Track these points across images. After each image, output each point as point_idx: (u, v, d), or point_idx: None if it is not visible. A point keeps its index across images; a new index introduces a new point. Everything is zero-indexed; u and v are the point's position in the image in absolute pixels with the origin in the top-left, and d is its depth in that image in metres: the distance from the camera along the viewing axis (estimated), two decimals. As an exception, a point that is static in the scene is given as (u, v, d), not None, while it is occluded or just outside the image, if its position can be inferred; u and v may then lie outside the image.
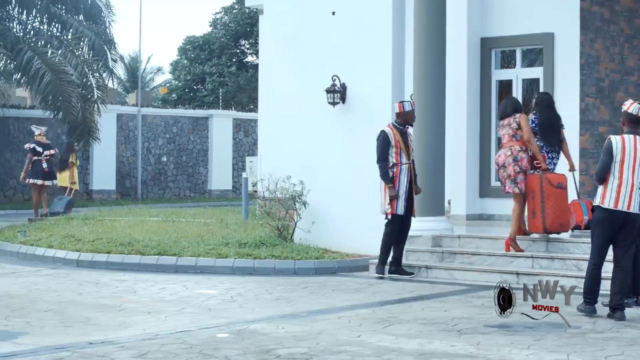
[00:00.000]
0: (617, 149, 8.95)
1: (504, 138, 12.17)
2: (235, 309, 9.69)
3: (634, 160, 8.94)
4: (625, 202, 8.95)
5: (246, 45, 44.69)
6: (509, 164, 11.97)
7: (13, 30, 26.64)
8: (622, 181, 8.94)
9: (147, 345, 7.67)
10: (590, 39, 15.63)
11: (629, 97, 15.93)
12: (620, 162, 8.94)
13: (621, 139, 9.01)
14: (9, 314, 9.19)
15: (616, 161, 8.95)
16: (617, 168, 8.95)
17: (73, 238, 14.85)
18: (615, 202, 8.95)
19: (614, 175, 8.97)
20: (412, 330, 8.38)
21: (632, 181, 8.95)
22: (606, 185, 9.01)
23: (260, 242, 13.72)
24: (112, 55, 28.35)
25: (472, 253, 12.41)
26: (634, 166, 8.95)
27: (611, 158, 8.97)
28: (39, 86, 24.89)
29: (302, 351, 7.43)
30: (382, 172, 12.10)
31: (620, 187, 8.94)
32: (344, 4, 14.08)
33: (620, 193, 8.94)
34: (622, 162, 8.94)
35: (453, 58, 15.25)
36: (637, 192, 8.97)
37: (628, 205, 8.95)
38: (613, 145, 8.98)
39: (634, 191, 8.95)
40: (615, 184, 8.96)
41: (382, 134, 12.17)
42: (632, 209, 8.96)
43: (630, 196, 8.94)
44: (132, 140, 31.47)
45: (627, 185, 8.94)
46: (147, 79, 49.98)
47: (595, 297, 9.20)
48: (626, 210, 8.95)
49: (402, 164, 12.10)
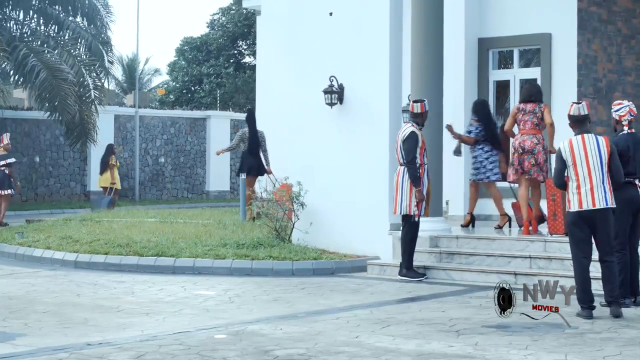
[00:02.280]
0: (567, 154, 9.19)
1: (527, 124, 12.53)
2: (233, 310, 9.69)
3: (586, 159, 9.14)
4: (588, 201, 9.07)
5: (244, 46, 44.69)
6: (539, 151, 12.44)
7: (10, 30, 26.64)
8: (579, 182, 9.11)
9: (145, 346, 7.67)
10: (588, 39, 15.64)
11: (626, 97, 15.97)
12: (572, 165, 9.15)
13: (569, 142, 9.24)
14: (7, 316, 9.19)
15: (569, 165, 9.18)
16: (572, 171, 9.17)
17: (71, 239, 14.84)
18: (579, 203, 9.09)
19: (572, 179, 9.17)
20: (410, 331, 8.38)
21: (590, 179, 9.08)
22: (567, 189, 9.23)
23: (258, 243, 13.71)
24: (109, 57, 28.36)
25: (470, 254, 12.42)
26: (588, 164, 9.13)
27: (563, 163, 9.21)
28: (35, 83, 24.88)
29: (300, 352, 7.43)
30: (414, 174, 11.86)
31: (579, 187, 9.10)
32: (342, 5, 14.08)
33: (581, 194, 9.09)
34: (574, 164, 9.14)
35: (450, 58, 15.27)
36: (599, 187, 9.08)
37: (592, 203, 9.06)
38: (562, 150, 9.25)
39: (594, 188, 9.06)
40: (574, 186, 9.14)
41: (414, 135, 11.90)
42: (598, 204, 9.06)
43: (592, 193, 9.06)
44: (130, 142, 31.45)
45: (585, 184, 9.09)
46: (145, 80, 49.97)
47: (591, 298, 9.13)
48: (592, 208, 9.06)
49: (424, 165, 12.06)
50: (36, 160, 28.92)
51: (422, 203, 11.92)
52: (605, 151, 9.16)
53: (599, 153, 9.14)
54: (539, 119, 12.55)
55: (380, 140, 13.45)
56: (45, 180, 29.20)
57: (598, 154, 9.14)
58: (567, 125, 9.65)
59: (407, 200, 11.94)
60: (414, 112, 12.09)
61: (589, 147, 9.16)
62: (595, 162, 9.12)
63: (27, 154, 28.83)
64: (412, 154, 11.89)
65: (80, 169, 30.11)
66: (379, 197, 13.29)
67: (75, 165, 30.00)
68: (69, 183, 29.78)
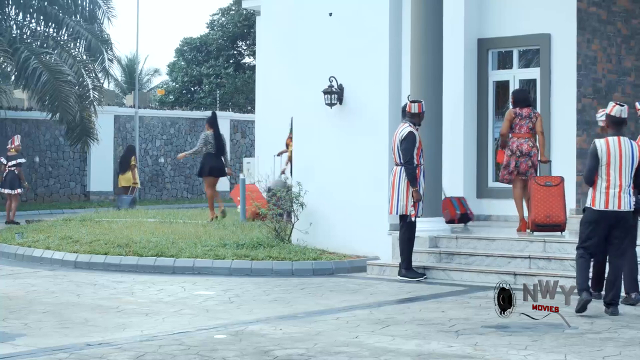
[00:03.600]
0: (602, 152, 9.25)
1: (523, 128, 13.06)
2: (233, 310, 9.69)
3: (619, 162, 9.23)
4: (615, 202, 9.22)
5: (243, 47, 44.69)
6: (534, 154, 13.05)
7: (10, 31, 26.63)
8: (609, 183, 9.22)
9: (145, 346, 7.68)
10: (587, 39, 15.65)
11: (626, 97, 15.99)
12: (606, 165, 9.22)
13: (605, 142, 9.30)
14: (6, 316, 9.19)
15: (602, 164, 9.24)
16: (604, 170, 9.23)
17: (71, 239, 14.85)
18: (606, 203, 9.22)
19: (602, 178, 9.25)
20: (410, 331, 8.39)
21: (620, 182, 9.21)
22: (595, 187, 9.30)
23: (258, 243, 13.72)
24: (109, 55, 28.33)
25: (469, 254, 12.43)
26: (620, 167, 9.23)
27: (597, 161, 9.27)
28: (36, 86, 24.90)
29: (300, 352, 7.43)
30: (412, 175, 11.88)
31: (609, 188, 9.22)
32: (341, 5, 14.08)
33: (609, 195, 9.22)
34: (608, 164, 9.22)
35: (450, 59, 15.27)
36: (626, 190, 9.24)
37: (619, 205, 9.22)
38: (598, 148, 9.28)
39: (622, 191, 9.21)
40: (604, 186, 9.24)
41: (412, 135, 11.91)
42: (623, 207, 9.23)
43: (620, 196, 9.21)
44: (130, 142, 31.43)
45: (615, 186, 9.21)
46: (144, 80, 49.96)
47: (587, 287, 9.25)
48: (617, 210, 9.21)
49: (421, 165, 12.07)
50: (36, 160, 28.92)
51: (419, 203, 11.94)
52: (637, 156, 9.30)
53: (632, 158, 9.28)
54: (533, 123, 13.09)
55: (379, 141, 13.46)
56: (45, 180, 29.20)
57: (631, 159, 9.27)
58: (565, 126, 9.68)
59: (403, 200, 11.96)
60: (411, 112, 12.10)
61: (624, 150, 9.27)
62: (627, 166, 9.26)
63: (27, 154, 28.77)
64: (409, 154, 11.90)
65: (80, 169, 30.11)
66: (379, 198, 13.30)
67: (75, 166, 30.00)
68: (69, 183, 29.78)
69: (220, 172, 17.86)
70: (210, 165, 17.68)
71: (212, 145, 17.64)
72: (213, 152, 17.63)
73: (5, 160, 20.97)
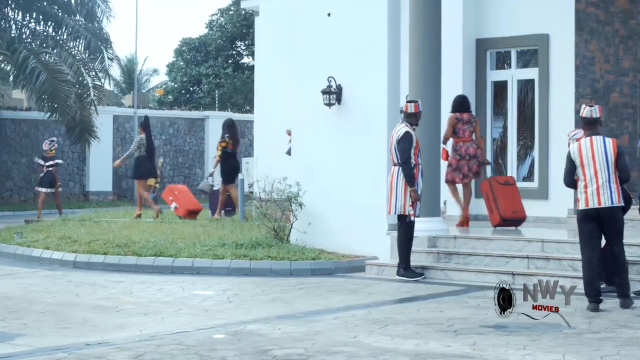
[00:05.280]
0: (575, 155, 9.66)
1: (466, 133, 14.17)
2: (231, 310, 9.71)
3: (593, 160, 9.56)
4: (594, 200, 9.51)
5: (242, 47, 44.70)
6: (480, 155, 14.26)
7: (9, 32, 26.63)
8: (586, 182, 9.57)
9: (144, 346, 7.69)
10: (585, 40, 15.66)
11: (624, 97, 16.03)
12: (580, 166, 9.62)
13: (577, 144, 9.72)
14: (5, 316, 9.20)
15: (577, 165, 9.63)
16: (580, 171, 9.64)
17: (70, 239, 14.85)
18: (585, 202, 9.57)
19: (580, 179, 9.65)
20: (408, 331, 8.40)
21: (596, 179, 9.50)
22: (576, 189, 9.77)
23: (257, 243, 13.73)
24: (109, 54, 28.33)
25: (468, 254, 12.44)
26: (595, 165, 9.55)
27: (572, 165, 9.69)
28: (35, 86, 24.90)
29: (299, 352, 7.45)
30: (409, 174, 11.88)
31: (586, 187, 9.56)
32: (340, 6, 14.09)
33: (588, 193, 9.54)
34: (582, 164, 9.60)
35: (448, 59, 15.26)
36: (605, 187, 9.50)
37: (598, 202, 9.50)
38: (571, 152, 9.75)
39: (600, 187, 9.49)
40: (582, 186, 9.62)
41: (409, 135, 11.91)
42: (604, 203, 9.48)
43: (598, 193, 9.49)
44: (129, 142, 31.44)
45: (592, 184, 9.53)
46: (143, 80, 49.96)
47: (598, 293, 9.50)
48: (597, 207, 9.49)
49: (419, 165, 12.08)
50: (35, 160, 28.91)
51: (417, 203, 11.95)
52: (612, 152, 9.56)
53: (605, 154, 9.54)
54: (474, 127, 14.23)
55: (378, 141, 13.47)
56: (45, 180, 29.15)
57: (604, 155, 9.54)
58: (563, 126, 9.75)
59: (401, 200, 11.97)
60: (408, 112, 12.11)
61: (596, 148, 9.58)
62: (602, 163, 9.52)
63: (26, 154, 28.84)
64: (406, 154, 11.91)
65: (79, 169, 30.13)
66: (377, 198, 13.31)
67: (74, 166, 30.02)
68: (68, 183, 29.78)
69: (152, 174, 18.89)
70: (145, 167, 18.62)
71: (145, 148, 18.55)
72: (145, 155, 18.57)
73: (42, 161, 21.98)
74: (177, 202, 18.75)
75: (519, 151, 16.53)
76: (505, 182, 14.13)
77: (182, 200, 18.83)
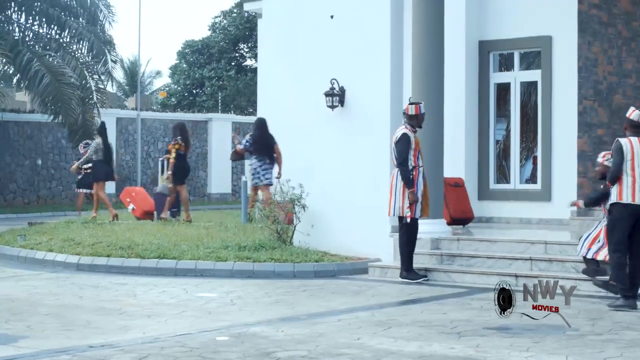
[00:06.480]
0: (627, 149, 9.77)
1: None
2: (235, 312, 9.71)
3: None
4: None
5: (245, 49, 44.71)
6: None
7: (12, 34, 26.67)
8: (635, 178, 9.69)
9: (147, 348, 7.70)
10: (588, 41, 15.66)
11: (627, 99, 16.00)
12: (631, 161, 9.72)
13: (628, 140, 9.84)
14: (9, 318, 9.21)
15: (627, 160, 9.73)
16: (629, 166, 9.73)
17: (73, 242, 14.87)
18: (633, 196, 9.69)
19: (627, 173, 9.72)
20: (412, 333, 8.40)
21: None
22: (620, 183, 9.76)
23: (260, 245, 13.73)
24: (112, 56, 28.36)
25: (471, 256, 12.44)
26: None
27: (622, 158, 9.74)
28: (38, 88, 24.94)
29: (302, 354, 7.45)
30: (406, 176, 11.89)
31: (635, 183, 9.69)
32: (343, 8, 14.11)
33: (636, 189, 9.68)
34: (633, 160, 9.71)
35: (451, 61, 15.29)
36: None
37: None
38: (623, 145, 9.81)
39: None
40: (630, 181, 9.70)
41: (405, 137, 11.92)
42: None
43: None
44: (132, 144, 31.49)
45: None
46: (146, 82, 50.02)
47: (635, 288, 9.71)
48: None
49: (419, 167, 12.07)
50: (38, 163, 28.97)
51: (415, 204, 11.94)
52: None
53: None
54: None
55: (381, 143, 13.47)
56: (48, 182, 29.23)
57: None
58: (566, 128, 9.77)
59: (400, 201, 11.98)
60: (409, 114, 12.11)
61: None
62: None
63: (29, 156, 28.86)
64: (403, 156, 11.92)
65: (82, 172, 30.10)
66: (380, 199, 13.29)
67: (77, 168, 29.99)
68: (71, 185, 29.74)
69: (110, 177, 19.50)
70: (104, 171, 19.16)
71: (102, 152, 19.09)
72: (102, 158, 19.09)
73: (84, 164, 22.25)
74: (134, 203, 19.32)
75: (521, 153, 16.52)
76: (455, 184, 14.78)
77: (138, 202, 19.38)
